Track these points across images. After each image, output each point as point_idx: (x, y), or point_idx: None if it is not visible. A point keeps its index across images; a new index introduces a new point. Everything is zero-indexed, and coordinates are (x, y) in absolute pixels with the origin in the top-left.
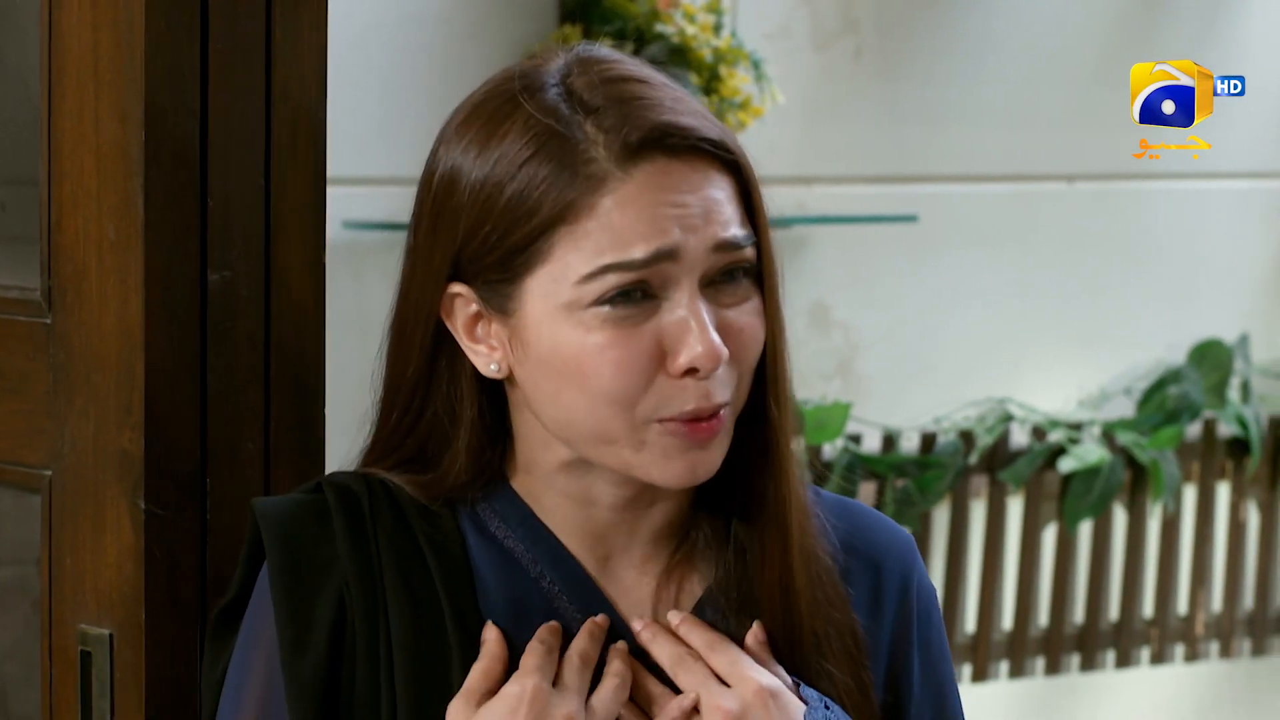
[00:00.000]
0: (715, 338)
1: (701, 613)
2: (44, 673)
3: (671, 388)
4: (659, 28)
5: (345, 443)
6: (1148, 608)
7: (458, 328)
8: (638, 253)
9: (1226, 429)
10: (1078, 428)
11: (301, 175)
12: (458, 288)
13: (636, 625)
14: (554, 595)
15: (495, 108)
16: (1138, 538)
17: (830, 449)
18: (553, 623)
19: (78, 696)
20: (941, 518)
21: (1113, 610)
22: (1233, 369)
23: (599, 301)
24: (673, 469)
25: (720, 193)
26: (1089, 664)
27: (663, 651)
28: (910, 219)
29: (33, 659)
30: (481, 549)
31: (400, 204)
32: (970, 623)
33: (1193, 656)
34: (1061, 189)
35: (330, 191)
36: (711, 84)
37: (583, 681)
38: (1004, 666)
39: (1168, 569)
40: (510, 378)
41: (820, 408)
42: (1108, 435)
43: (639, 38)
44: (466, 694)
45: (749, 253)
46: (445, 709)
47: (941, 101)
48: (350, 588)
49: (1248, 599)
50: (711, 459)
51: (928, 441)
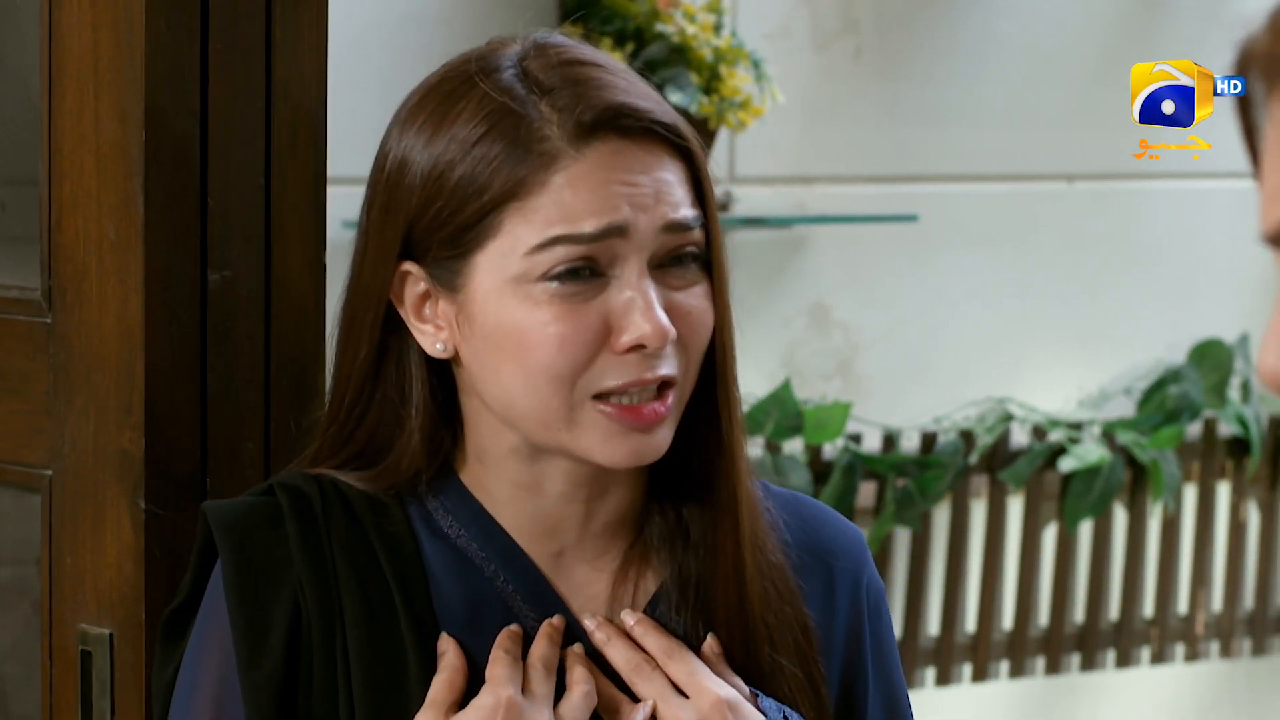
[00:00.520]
0: (662, 315)
1: (655, 608)
2: (44, 673)
3: (612, 361)
4: (659, 27)
5: None
6: (1148, 607)
7: (406, 307)
8: (587, 227)
9: (1227, 429)
10: (1078, 427)
11: (301, 175)
12: (408, 266)
13: (589, 624)
14: (508, 595)
15: (451, 88)
16: (1138, 537)
17: (830, 449)
18: (514, 627)
19: (78, 696)
20: (942, 517)
21: (1113, 610)
22: (1233, 369)
23: (547, 277)
24: (616, 450)
25: (671, 175)
26: (1089, 664)
27: (619, 656)
28: (910, 219)
29: (33, 659)
30: (435, 550)
31: None
32: (970, 622)
33: (1193, 656)
34: (1061, 189)
35: (330, 191)
36: (711, 84)
37: (549, 689)
38: (1004, 666)
39: (1168, 569)
40: (456, 358)
41: (820, 407)
42: (1108, 435)
43: (639, 37)
44: (433, 705)
45: (697, 235)
46: (402, 712)
47: (941, 101)
48: (305, 591)
49: (1248, 599)
50: (656, 442)
51: (928, 441)
